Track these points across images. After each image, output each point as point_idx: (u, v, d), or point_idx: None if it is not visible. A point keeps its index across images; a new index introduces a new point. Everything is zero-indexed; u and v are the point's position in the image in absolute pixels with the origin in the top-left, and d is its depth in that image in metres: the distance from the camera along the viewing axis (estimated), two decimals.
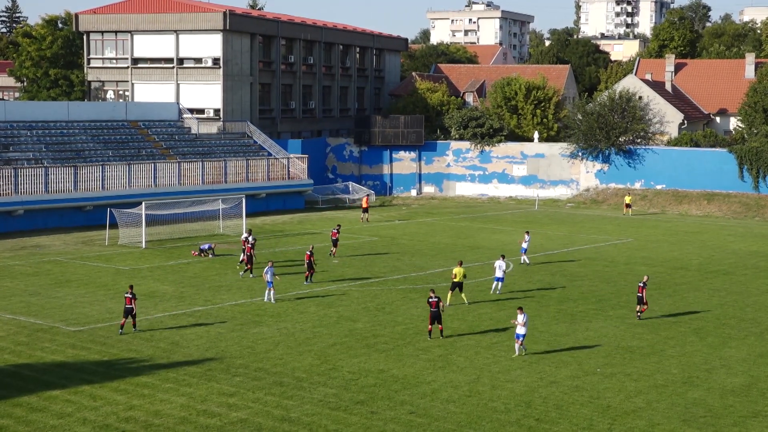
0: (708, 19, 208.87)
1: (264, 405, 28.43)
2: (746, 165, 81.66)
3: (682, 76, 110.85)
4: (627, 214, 78.54)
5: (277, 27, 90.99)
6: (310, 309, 41.42)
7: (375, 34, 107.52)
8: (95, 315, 39.70)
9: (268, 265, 42.87)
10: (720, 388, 30.81)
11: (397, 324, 38.83)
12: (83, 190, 67.10)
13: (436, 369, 32.40)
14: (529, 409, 28.46)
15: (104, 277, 48.14)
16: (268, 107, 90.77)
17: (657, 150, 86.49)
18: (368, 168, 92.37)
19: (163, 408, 28.01)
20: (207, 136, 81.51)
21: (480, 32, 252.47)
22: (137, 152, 74.76)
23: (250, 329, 37.57)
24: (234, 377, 31.09)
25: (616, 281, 49.12)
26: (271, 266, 42.81)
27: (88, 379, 30.70)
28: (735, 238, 66.40)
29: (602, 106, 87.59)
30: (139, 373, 31.45)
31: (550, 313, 41.19)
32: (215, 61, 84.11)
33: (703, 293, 46.40)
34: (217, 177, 75.00)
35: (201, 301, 42.71)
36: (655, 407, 28.80)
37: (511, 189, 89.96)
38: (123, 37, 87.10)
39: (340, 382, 30.80)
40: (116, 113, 78.45)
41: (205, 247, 54.86)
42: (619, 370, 32.67)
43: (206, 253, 54.48)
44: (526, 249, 53.54)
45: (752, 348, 36.06)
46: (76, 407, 27.91)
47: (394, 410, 28.14)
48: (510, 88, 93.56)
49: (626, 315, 40.93)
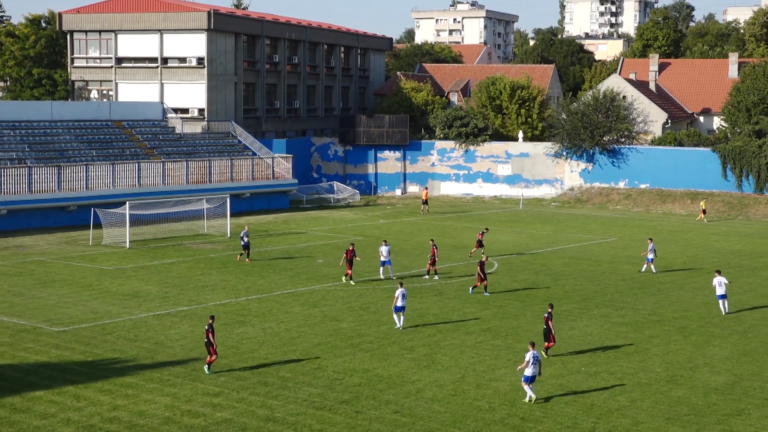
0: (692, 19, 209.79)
1: (248, 405, 28.39)
2: (729, 164, 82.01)
3: (666, 75, 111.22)
4: (702, 220, 75.13)
5: (262, 26, 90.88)
6: (295, 309, 41.39)
7: (360, 34, 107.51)
8: (79, 315, 39.56)
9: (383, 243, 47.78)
10: (704, 387, 30.92)
11: (381, 323, 38.83)
12: (67, 190, 66.85)
13: (420, 368, 32.41)
14: (513, 407, 28.50)
15: (88, 277, 47.98)
16: (252, 107, 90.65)
17: (641, 149, 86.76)
18: (353, 167, 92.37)
19: (148, 408, 27.94)
20: (191, 136, 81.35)
21: (465, 32, 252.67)
22: (121, 152, 74.56)
23: (235, 329, 37.51)
24: (219, 377, 31.04)
25: (600, 280, 49.24)
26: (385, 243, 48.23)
27: (72, 379, 30.59)
28: (718, 237, 66.65)
29: (586, 106, 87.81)
30: (123, 374, 31.36)
31: (535, 312, 41.24)
32: (199, 60, 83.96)
33: (686, 292, 46.56)
34: (202, 177, 74.84)
35: (185, 301, 42.62)
36: (638, 405, 28.89)
37: (495, 188, 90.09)
38: (107, 36, 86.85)
39: (325, 381, 30.79)
40: (100, 113, 78.20)
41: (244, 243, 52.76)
42: (603, 368, 32.75)
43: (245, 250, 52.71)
44: (653, 258, 51.32)
45: (736, 346, 36.20)
46: (59, 408, 27.82)
47: (379, 410, 28.14)
48: (495, 87, 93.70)
49: (610, 314, 41.04)
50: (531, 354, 29.00)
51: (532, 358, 28.95)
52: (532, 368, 28.90)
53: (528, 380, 28.95)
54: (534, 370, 28.95)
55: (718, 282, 41.94)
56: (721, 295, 41.89)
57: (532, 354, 29.01)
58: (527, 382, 28.96)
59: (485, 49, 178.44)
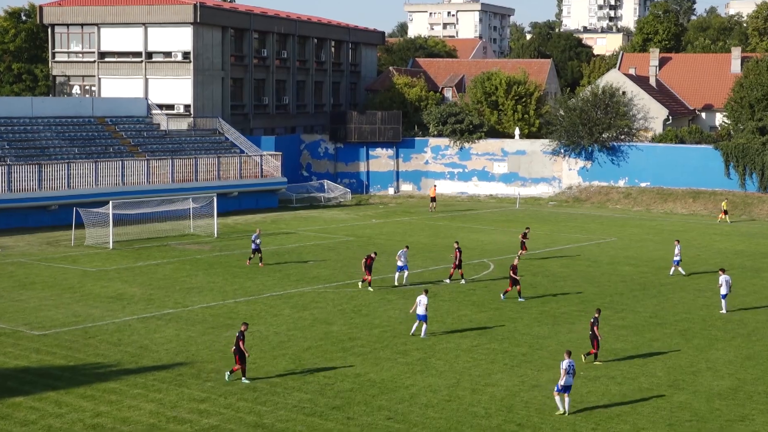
0: (693, 12, 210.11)
1: (236, 411, 28.34)
2: (732, 162, 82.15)
3: (667, 70, 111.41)
4: (724, 221, 74.55)
5: (250, 20, 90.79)
6: (285, 311, 41.35)
7: (351, 28, 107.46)
8: (60, 318, 39.46)
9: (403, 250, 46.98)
10: (706, 392, 30.95)
11: (374, 327, 38.80)
12: (48, 189, 66.67)
13: (414, 373, 32.38)
14: (510, 413, 28.49)
15: (70, 279, 47.86)
16: (240, 103, 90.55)
17: (641, 147, 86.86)
18: (344, 165, 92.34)
19: (132, 415, 27.86)
20: (177, 133, 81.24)
21: (459, 25, 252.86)
22: (104, 149, 74.40)
23: (222, 333, 37.44)
24: (205, 382, 30.98)
25: (600, 281, 49.27)
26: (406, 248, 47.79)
27: (53, 384, 30.50)
28: (721, 237, 66.75)
29: (585, 102, 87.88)
30: (106, 379, 31.27)
31: (532, 315, 41.26)
32: (185, 55, 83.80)
33: (688, 294, 46.61)
34: (188, 175, 74.73)
35: (171, 304, 42.54)
36: (639, 411, 28.89)
37: (491, 187, 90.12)
38: (89, 30, 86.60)
39: (316, 386, 30.74)
40: (82, 109, 78.03)
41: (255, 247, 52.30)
42: (603, 373, 32.76)
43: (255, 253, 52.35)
44: (679, 261, 51.05)
45: (739, 350, 36.25)
46: (40, 414, 27.72)
47: (371, 416, 28.11)
48: (490, 83, 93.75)
49: (610, 316, 41.05)
50: (567, 362, 28.49)
51: (569, 367, 28.44)
52: (569, 378, 28.37)
53: (562, 390, 28.40)
54: (570, 380, 28.43)
55: (725, 280, 42.28)
56: (725, 294, 42.24)
57: (569, 363, 28.51)
58: (562, 392, 28.42)
59: (480, 43, 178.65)
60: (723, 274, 42.83)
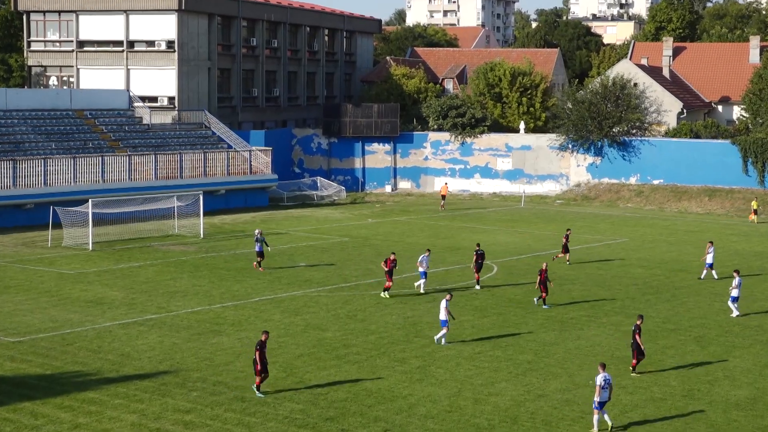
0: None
1: (224, 423, 28.34)
2: (751, 158, 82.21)
3: (681, 61, 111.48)
4: (753, 221, 74.33)
5: (238, 6, 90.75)
6: (275, 317, 41.35)
7: (345, 15, 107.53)
8: (37, 324, 39.44)
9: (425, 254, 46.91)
10: (723, 402, 30.98)
11: (370, 333, 38.82)
12: (23, 187, 66.62)
13: (413, 382, 32.40)
14: (515, 425, 28.50)
15: (47, 282, 47.85)
16: (227, 95, 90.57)
17: (654, 142, 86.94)
18: (338, 161, 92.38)
19: (112, 426, 27.86)
20: (160, 127, 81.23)
21: (460, 13, 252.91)
22: (83, 144, 74.37)
23: (209, 339, 37.45)
24: (191, 392, 30.98)
25: (610, 285, 49.31)
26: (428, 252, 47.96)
27: (29, 394, 30.48)
28: (738, 237, 66.82)
29: (594, 94, 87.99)
30: (85, 388, 31.26)
31: (538, 320, 41.28)
32: (169, 44, 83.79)
33: (704, 298, 46.65)
34: (172, 172, 74.71)
35: (154, 309, 42.53)
36: (652, 423, 28.92)
37: (495, 184, 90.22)
38: (67, 17, 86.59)
39: (308, 396, 30.75)
40: (60, 101, 77.99)
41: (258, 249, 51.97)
42: (613, 382, 32.72)
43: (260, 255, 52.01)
44: (712, 264, 50.91)
45: (758, 358, 36.28)
46: (15, 426, 27.71)
47: (367, 427, 28.12)
48: (493, 74, 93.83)
49: (621, 322, 41.07)
50: (602, 377, 28.23)
51: (604, 381, 28.16)
52: (605, 393, 28.11)
53: (599, 407, 28.01)
54: (605, 396, 28.15)
55: (739, 283, 42.44)
56: (735, 297, 42.68)
57: (603, 377, 28.24)
58: (599, 409, 28.05)
59: (483, 31, 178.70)
60: (737, 276, 42.89)
